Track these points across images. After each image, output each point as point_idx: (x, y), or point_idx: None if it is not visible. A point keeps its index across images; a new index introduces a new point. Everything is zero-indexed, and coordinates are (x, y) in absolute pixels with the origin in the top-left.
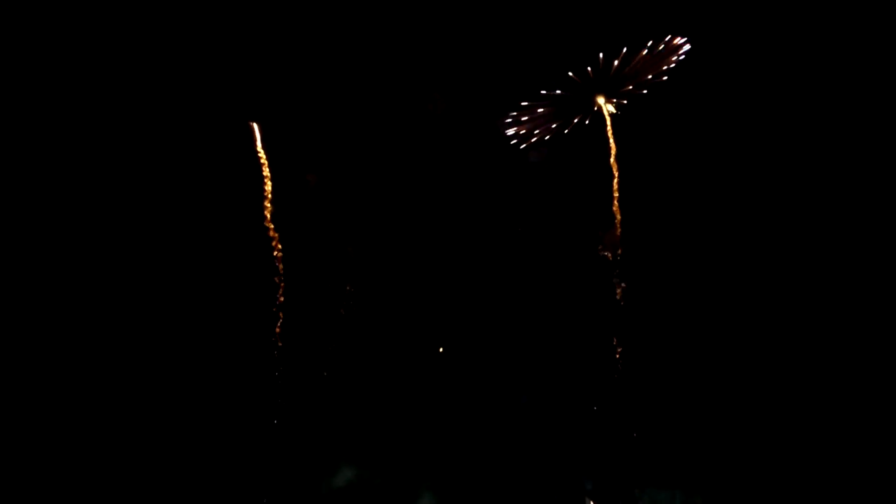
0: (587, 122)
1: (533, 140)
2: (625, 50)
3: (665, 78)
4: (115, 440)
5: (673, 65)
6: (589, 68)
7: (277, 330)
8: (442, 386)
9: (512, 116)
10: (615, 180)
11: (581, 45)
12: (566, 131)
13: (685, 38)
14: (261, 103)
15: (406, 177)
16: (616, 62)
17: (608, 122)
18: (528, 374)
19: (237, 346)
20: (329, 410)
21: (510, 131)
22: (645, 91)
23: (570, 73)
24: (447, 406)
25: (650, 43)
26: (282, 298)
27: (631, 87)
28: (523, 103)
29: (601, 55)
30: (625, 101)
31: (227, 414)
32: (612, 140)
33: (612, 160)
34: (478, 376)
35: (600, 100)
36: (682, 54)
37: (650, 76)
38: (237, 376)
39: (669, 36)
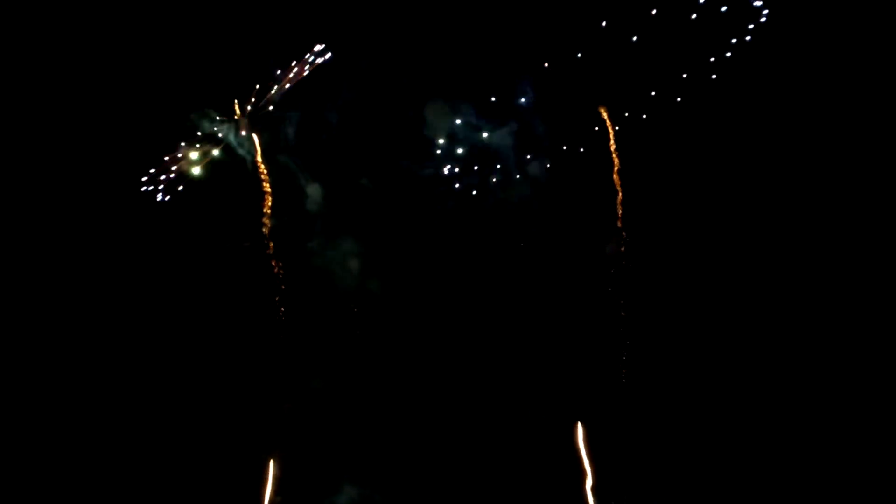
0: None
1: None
2: None
3: None
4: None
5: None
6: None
7: (278, 351)
8: (444, 403)
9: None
10: (619, 196)
11: None
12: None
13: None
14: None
15: (409, 191)
16: None
17: (611, 137)
18: (532, 393)
19: (241, 363)
20: (332, 429)
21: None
22: None
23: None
24: (450, 424)
25: None
26: (283, 317)
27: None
28: None
29: None
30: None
31: (232, 431)
32: (615, 155)
33: (614, 175)
34: (481, 392)
35: (603, 112)
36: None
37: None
38: (241, 394)
39: None
